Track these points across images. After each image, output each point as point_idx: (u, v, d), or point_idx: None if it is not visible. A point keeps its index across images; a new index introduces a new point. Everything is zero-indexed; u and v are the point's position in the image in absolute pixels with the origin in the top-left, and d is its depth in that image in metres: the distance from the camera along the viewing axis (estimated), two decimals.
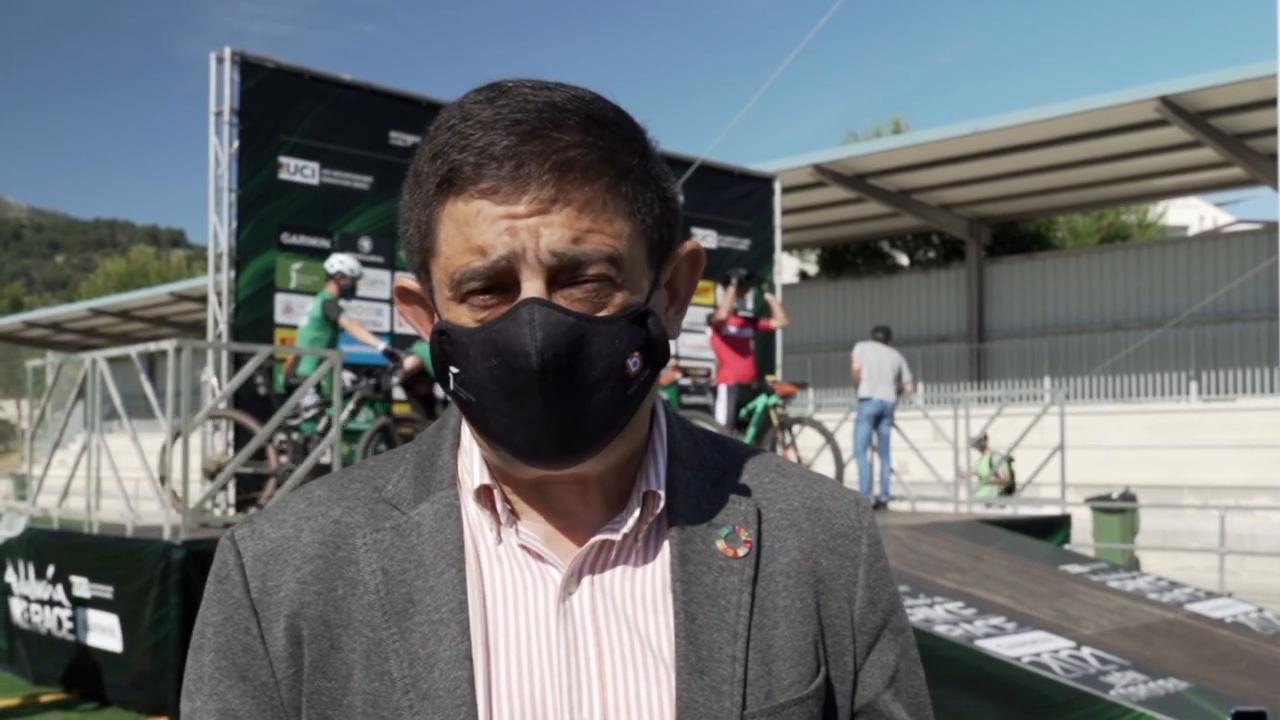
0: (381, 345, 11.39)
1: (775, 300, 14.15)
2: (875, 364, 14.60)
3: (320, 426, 11.21)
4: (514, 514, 1.28)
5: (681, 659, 1.22)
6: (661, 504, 1.28)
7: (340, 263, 11.59)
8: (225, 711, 1.26)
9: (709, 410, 14.68)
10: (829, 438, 13.44)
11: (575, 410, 1.17)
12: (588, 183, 1.17)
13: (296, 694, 1.25)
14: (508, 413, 1.18)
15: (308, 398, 11.04)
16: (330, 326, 11.28)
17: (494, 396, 1.18)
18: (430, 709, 1.19)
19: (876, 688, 1.34)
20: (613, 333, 1.18)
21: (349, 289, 11.58)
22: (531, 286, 1.16)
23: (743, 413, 13.30)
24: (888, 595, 1.37)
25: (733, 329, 13.37)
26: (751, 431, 13.07)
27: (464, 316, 1.19)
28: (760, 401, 13.24)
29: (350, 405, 11.10)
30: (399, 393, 11.76)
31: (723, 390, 13.46)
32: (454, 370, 1.21)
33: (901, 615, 1.39)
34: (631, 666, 1.23)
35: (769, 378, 13.84)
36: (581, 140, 1.17)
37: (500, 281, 1.17)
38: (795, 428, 13.64)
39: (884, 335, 15.02)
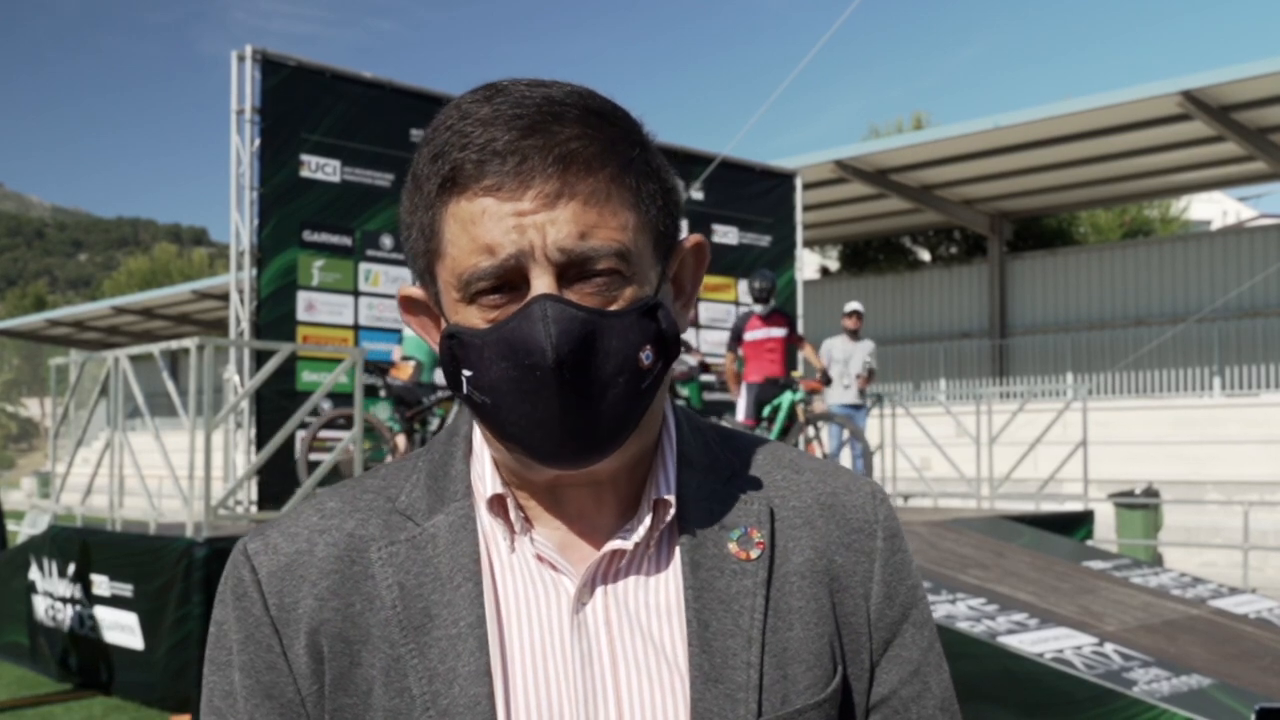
0: None
1: (808, 348, 14.23)
2: None
3: (434, 426, 11.56)
4: (528, 521, 1.27)
5: (695, 668, 1.21)
6: (672, 511, 1.27)
7: None
8: None
9: (730, 407, 14.66)
10: (857, 433, 13.43)
11: (591, 406, 1.16)
12: (591, 174, 1.16)
13: (320, 710, 1.24)
14: (524, 413, 1.17)
15: (428, 396, 11.62)
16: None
17: (509, 396, 1.17)
18: None
19: (892, 683, 1.32)
20: (624, 326, 1.17)
21: None
22: (541, 283, 1.15)
23: (766, 410, 13.29)
24: (905, 589, 1.35)
25: (748, 335, 13.41)
26: (777, 428, 13.05)
27: (474, 317, 1.18)
28: (785, 398, 13.21)
29: (440, 412, 11.54)
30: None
31: (744, 386, 13.49)
32: (467, 373, 1.19)
33: (923, 609, 1.36)
34: (646, 677, 1.22)
35: (794, 374, 13.80)
36: (582, 133, 1.17)
37: (509, 280, 1.16)
38: (821, 424, 13.62)
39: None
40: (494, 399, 1.18)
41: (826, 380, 13.95)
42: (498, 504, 1.27)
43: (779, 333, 13.48)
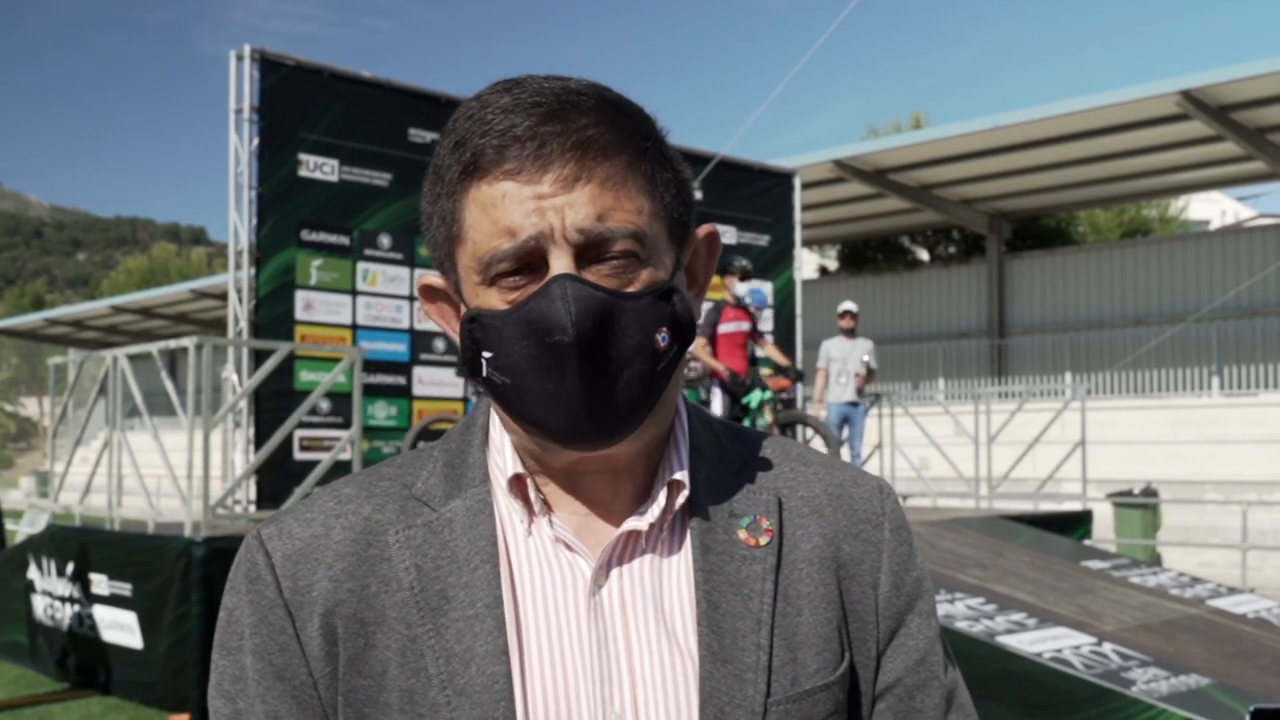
0: None
1: (774, 348, 13.96)
2: None
3: None
4: (547, 504, 1.29)
5: (704, 648, 1.23)
6: (686, 492, 1.28)
7: None
8: (269, 714, 1.26)
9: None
10: (829, 440, 13.24)
11: (609, 385, 1.18)
12: (607, 160, 1.19)
13: (333, 693, 1.25)
14: (544, 392, 1.19)
15: None
16: None
17: (529, 376, 1.19)
18: (468, 704, 1.19)
19: (898, 671, 1.35)
20: (641, 308, 1.20)
21: None
22: (560, 264, 1.17)
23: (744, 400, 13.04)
24: (911, 580, 1.37)
25: (724, 327, 13.09)
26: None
27: (494, 300, 1.20)
28: (755, 397, 12.95)
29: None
30: None
31: (715, 383, 13.18)
32: (487, 355, 1.21)
33: (929, 600, 1.39)
34: (659, 658, 1.23)
35: (763, 372, 13.56)
36: (599, 120, 1.19)
37: (529, 261, 1.18)
38: (796, 427, 13.44)
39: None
40: (514, 379, 1.20)
41: (798, 376, 13.72)
42: (517, 485, 1.28)
43: (748, 326, 13.25)
